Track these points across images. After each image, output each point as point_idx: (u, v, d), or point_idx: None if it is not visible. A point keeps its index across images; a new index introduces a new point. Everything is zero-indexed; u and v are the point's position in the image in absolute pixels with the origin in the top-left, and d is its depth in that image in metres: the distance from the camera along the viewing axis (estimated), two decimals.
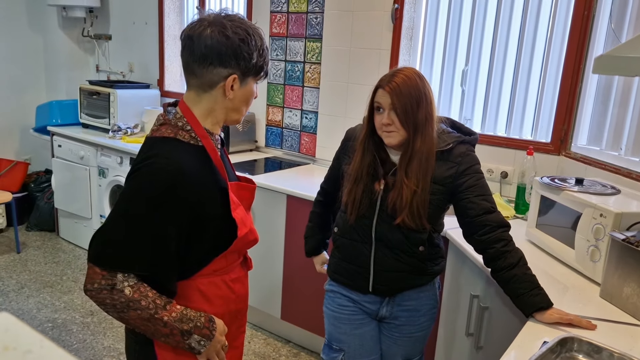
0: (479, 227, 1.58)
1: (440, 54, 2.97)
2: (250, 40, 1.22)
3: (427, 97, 1.57)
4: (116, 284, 1.15)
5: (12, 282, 3.62)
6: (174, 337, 1.21)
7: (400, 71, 1.58)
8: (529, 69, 2.66)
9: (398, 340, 1.78)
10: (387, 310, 1.74)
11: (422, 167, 1.57)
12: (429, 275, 1.73)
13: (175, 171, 1.17)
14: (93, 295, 1.16)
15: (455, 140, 1.63)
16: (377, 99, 1.59)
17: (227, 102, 1.27)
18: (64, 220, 4.36)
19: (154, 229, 1.17)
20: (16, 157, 4.69)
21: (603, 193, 1.82)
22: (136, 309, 1.16)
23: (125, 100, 3.97)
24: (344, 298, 1.77)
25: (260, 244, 2.95)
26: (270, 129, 3.69)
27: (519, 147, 2.64)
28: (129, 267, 1.17)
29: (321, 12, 3.26)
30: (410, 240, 1.63)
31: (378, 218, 1.64)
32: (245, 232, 1.31)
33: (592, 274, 1.71)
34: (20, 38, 4.58)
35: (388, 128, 1.57)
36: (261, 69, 1.28)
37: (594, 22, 2.36)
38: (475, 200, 1.58)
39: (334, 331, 1.79)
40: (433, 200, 1.61)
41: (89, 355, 2.83)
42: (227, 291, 1.35)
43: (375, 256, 1.67)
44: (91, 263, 1.17)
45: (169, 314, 1.19)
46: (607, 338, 1.33)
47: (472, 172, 1.61)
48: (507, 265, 1.52)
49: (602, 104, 2.36)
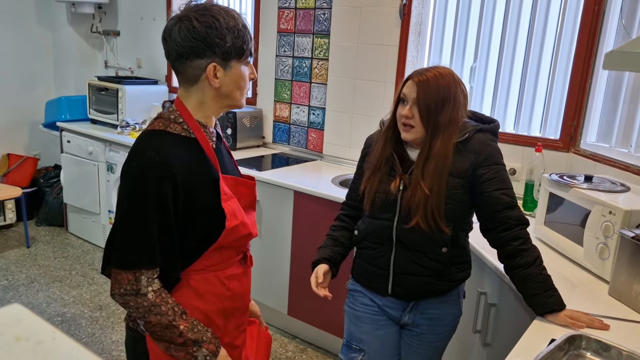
0: (498, 224, 1.53)
1: (448, 50, 2.95)
2: (220, 24, 1.20)
3: (456, 100, 1.51)
4: (140, 289, 1.18)
5: (22, 276, 3.66)
6: (185, 348, 1.22)
7: (435, 67, 1.53)
8: (538, 65, 2.65)
9: (418, 348, 1.71)
10: (410, 318, 1.68)
11: (438, 169, 1.51)
12: (452, 282, 1.65)
13: (162, 162, 1.18)
14: (119, 299, 1.21)
15: (473, 130, 1.55)
16: (404, 90, 1.55)
17: (216, 90, 1.26)
18: (72, 215, 4.39)
19: (156, 220, 1.19)
20: (26, 153, 4.72)
21: (612, 190, 1.80)
22: (157, 314, 1.19)
23: (133, 96, 3.99)
24: (366, 298, 1.71)
25: (267, 239, 2.98)
26: (278, 125, 3.69)
27: (527, 143, 2.62)
28: (151, 263, 1.19)
29: (329, 8, 3.26)
30: (432, 241, 1.56)
31: (398, 218, 1.58)
32: (235, 224, 1.28)
33: (601, 272, 1.70)
34: (30, 34, 4.61)
35: (407, 121, 1.52)
36: (242, 50, 1.24)
37: (605, 18, 2.34)
38: (495, 194, 1.51)
39: (355, 330, 1.73)
40: (455, 195, 1.53)
41: (98, 349, 2.86)
42: (220, 288, 1.32)
43: (395, 258, 1.61)
44: (116, 269, 1.20)
45: (184, 323, 1.22)
46: (616, 336, 1.33)
47: (492, 163, 1.53)
48: (523, 264, 1.48)
49: (612, 100, 2.34)
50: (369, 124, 3.16)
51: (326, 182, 2.89)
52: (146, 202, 1.18)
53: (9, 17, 4.46)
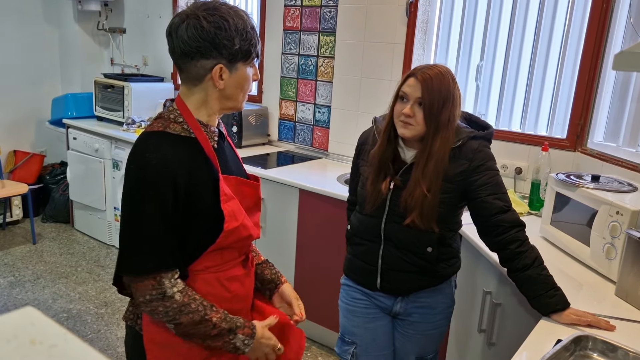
0: (493, 228, 1.55)
1: (455, 49, 2.95)
2: (229, 25, 1.18)
3: (454, 99, 1.53)
4: (166, 292, 1.17)
5: (28, 272, 3.68)
6: (222, 338, 1.22)
7: (436, 66, 1.54)
8: (545, 63, 2.63)
9: (412, 337, 1.76)
10: (402, 307, 1.72)
11: (437, 170, 1.54)
12: (440, 277, 1.70)
13: (164, 164, 1.17)
14: (146, 307, 1.19)
15: (467, 136, 1.58)
16: (404, 88, 1.55)
17: (219, 91, 1.25)
18: (78, 212, 4.41)
19: (161, 221, 1.18)
20: (32, 149, 4.74)
21: (619, 190, 1.80)
22: (188, 313, 1.18)
23: (139, 94, 4.00)
24: (357, 292, 1.77)
25: (273, 237, 2.98)
26: (283, 123, 3.69)
27: (533, 142, 2.62)
28: (169, 264, 1.19)
29: (335, 6, 3.25)
30: (419, 240, 1.61)
31: (387, 217, 1.63)
32: (234, 226, 1.25)
33: (608, 272, 1.69)
34: (36, 31, 4.62)
35: (407, 119, 1.53)
36: (249, 52, 1.23)
37: (613, 17, 2.33)
38: (488, 199, 1.54)
39: (347, 324, 1.80)
40: (445, 199, 1.57)
41: (103, 346, 2.87)
42: (220, 289, 1.30)
43: (383, 255, 1.66)
44: (135, 277, 1.19)
45: (216, 315, 1.21)
46: (623, 337, 1.32)
47: (485, 169, 1.56)
48: (521, 266, 1.50)
49: (619, 99, 2.33)
50: None
51: (331, 180, 2.89)
52: (149, 205, 1.17)
53: (16, 14, 4.48)
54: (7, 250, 4.02)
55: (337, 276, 1.89)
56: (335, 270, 2.69)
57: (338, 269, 1.89)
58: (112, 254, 4.06)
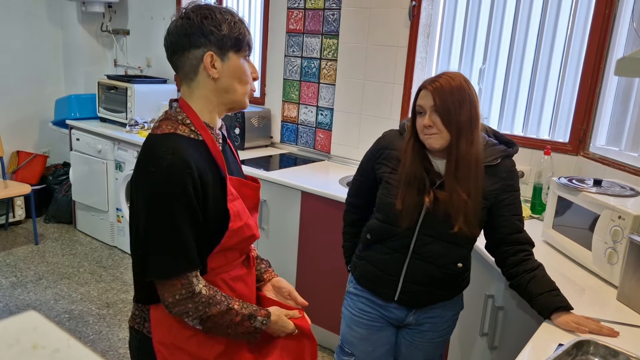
0: (507, 245, 1.60)
1: (457, 52, 2.95)
2: (215, 15, 1.22)
3: (471, 100, 1.51)
4: (194, 289, 1.20)
5: (30, 273, 3.69)
6: (243, 324, 1.27)
7: (445, 73, 1.54)
8: (548, 67, 2.63)
9: (420, 345, 1.75)
10: (414, 318, 1.71)
11: (473, 173, 1.51)
12: (459, 290, 1.73)
13: (184, 165, 1.17)
14: (175, 307, 1.20)
15: (502, 155, 1.59)
16: (418, 102, 1.54)
17: (215, 83, 1.25)
18: (81, 213, 4.42)
19: (187, 220, 1.19)
20: (35, 150, 4.76)
21: (622, 195, 1.79)
22: (215, 304, 1.22)
23: (142, 95, 4.01)
24: (367, 303, 1.73)
25: (275, 239, 2.98)
26: (286, 125, 3.69)
27: (536, 146, 2.61)
28: (196, 264, 1.21)
29: (338, 9, 3.26)
30: (451, 256, 1.61)
31: (420, 230, 1.59)
32: (239, 225, 1.27)
33: (610, 277, 1.69)
34: (40, 32, 4.64)
35: (429, 130, 1.51)
36: (238, 41, 1.24)
37: (615, 21, 2.33)
38: (512, 219, 1.59)
39: (348, 334, 1.78)
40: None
41: (105, 347, 2.88)
42: (226, 290, 1.31)
43: (408, 267, 1.63)
44: (166, 280, 1.19)
45: (236, 303, 1.27)
46: (624, 342, 1.32)
47: (514, 189, 1.61)
48: (528, 268, 1.54)
49: (622, 103, 2.33)
50: (377, 125, 3.16)
51: (334, 183, 2.89)
52: (175, 204, 1.17)
53: (20, 15, 4.49)
54: (10, 251, 4.03)
55: (339, 278, 1.89)
56: (336, 273, 2.69)
57: (340, 271, 1.89)
58: (115, 255, 4.07)
